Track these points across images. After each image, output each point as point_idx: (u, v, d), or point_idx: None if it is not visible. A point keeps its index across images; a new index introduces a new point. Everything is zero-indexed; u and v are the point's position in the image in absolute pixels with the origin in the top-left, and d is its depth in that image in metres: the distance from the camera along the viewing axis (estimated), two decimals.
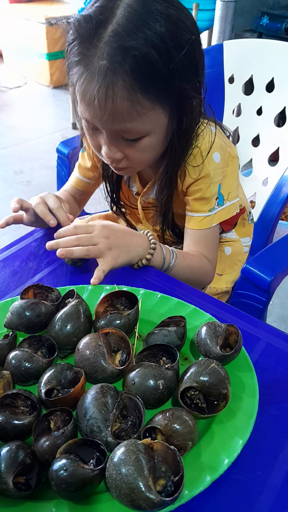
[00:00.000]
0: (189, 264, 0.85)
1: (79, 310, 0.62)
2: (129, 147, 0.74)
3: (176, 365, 0.55)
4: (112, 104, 0.66)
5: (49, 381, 0.53)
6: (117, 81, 0.64)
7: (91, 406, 0.49)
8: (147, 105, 0.68)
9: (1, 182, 2.63)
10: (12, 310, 0.62)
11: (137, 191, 0.97)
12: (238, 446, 0.49)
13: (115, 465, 0.43)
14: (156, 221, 1.00)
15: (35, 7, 3.89)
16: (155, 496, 0.41)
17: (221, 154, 0.84)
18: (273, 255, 0.86)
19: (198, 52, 0.71)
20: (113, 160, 0.76)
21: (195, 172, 0.83)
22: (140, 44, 0.63)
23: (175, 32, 0.66)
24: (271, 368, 0.60)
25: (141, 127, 0.71)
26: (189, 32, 0.68)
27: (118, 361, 0.58)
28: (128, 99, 0.66)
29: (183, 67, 0.68)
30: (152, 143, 0.75)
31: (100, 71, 0.65)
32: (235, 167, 0.89)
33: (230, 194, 0.88)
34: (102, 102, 0.66)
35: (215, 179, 0.84)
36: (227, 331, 0.59)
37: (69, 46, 0.69)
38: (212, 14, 2.18)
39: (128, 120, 0.69)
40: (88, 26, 0.65)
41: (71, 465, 0.44)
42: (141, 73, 0.64)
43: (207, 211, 0.86)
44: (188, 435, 0.48)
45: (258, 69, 1.20)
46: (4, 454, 0.46)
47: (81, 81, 0.67)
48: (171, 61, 0.66)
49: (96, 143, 0.77)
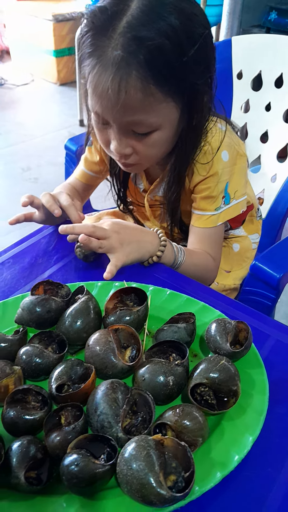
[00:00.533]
0: (195, 262, 0.85)
1: (89, 306, 0.62)
2: (139, 141, 0.74)
3: (186, 362, 0.55)
4: (125, 95, 0.66)
5: (60, 377, 0.54)
6: (130, 72, 0.64)
7: (102, 402, 0.50)
8: (159, 97, 0.68)
9: (8, 179, 2.64)
10: (23, 306, 0.62)
11: (144, 188, 0.97)
12: (248, 442, 0.49)
13: (126, 461, 0.43)
14: (163, 219, 0.99)
15: (42, 4, 3.89)
16: (166, 491, 0.41)
17: (229, 153, 0.84)
18: (282, 252, 0.86)
19: (210, 46, 0.71)
20: (122, 155, 0.76)
21: (204, 171, 0.83)
22: (154, 35, 0.63)
23: (188, 25, 0.66)
24: (281, 365, 0.60)
25: (152, 120, 0.70)
26: (202, 26, 0.68)
27: (128, 357, 0.58)
28: (141, 91, 0.66)
29: (196, 61, 0.68)
30: (162, 138, 0.74)
31: (113, 62, 0.64)
32: (243, 165, 0.89)
33: (237, 192, 0.88)
34: (115, 93, 0.66)
35: (223, 178, 0.84)
36: (237, 328, 0.59)
37: (82, 38, 0.69)
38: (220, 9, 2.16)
39: (139, 112, 0.68)
40: (103, 17, 0.65)
41: (82, 460, 0.44)
42: (155, 65, 0.64)
43: (213, 210, 0.86)
44: (198, 432, 0.48)
45: (266, 64, 1.19)
46: (16, 449, 0.46)
47: (94, 72, 0.67)
48: (184, 54, 0.66)
49: (105, 138, 0.76)
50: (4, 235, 2.18)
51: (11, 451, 0.46)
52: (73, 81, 3.82)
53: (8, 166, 2.77)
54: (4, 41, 4.37)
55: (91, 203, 1.36)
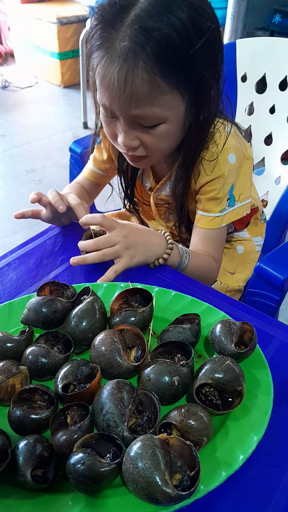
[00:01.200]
0: (198, 264, 0.86)
1: (95, 307, 0.62)
2: (146, 134, 0.74)
3: (191, 362, 0.56)
4: (131, 86, 0.66)
5: (66, 377, 0.54)
6: (137, 63, 0.65)
7: (108, 401, 0.50)
8: (166, 89, 0.68)
9: (13, 180, 2.65)
10: (29, 306, 0.63)
11: (150, 187, 0.98)
12: (253, 442, 0.49)
13: (132, 459, 0.44)
14: (168, 218, 1.00)
15: (47, 7, 3.91)
16: (171, 490, 0.42)
17: (236, 155, 0.84)
18: (286, 253, 0.86)
19: (218, 41, 0.71)
20: (129, 148, 0.76)
21: (210, 172, 0.83)
22: (161, 26, 0.63)
23: (196, 18, 0.66)
24: (285, 366, 0.60)
25: (158, 112, 0.70)
26: (209, 20, 0.68)
27: (133, 357, 0.58)
28: (147, 82, 0.66)
29: (203, 54, 0.68)
30: (168, 131, 0.74)
31: (121, 53, 0.65)
32: (249, 167, 0.89)
33: (242, 195, 0.88)
34: (121, 84, 0.66)
35: (229, 180, 0.85)
36: (241, 329, 0.60)
37: (91, 31, 0.69)
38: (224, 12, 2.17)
39: (146, 104, 0.69)
40: (112, 10, 0.66)
41: (88, 459, 0.44)
42: (162, 56, 0.65)
43: (218, 212, 0.86)
44: (203, 431, 0.49)
45: (271, 67, 1.20)
46: (23, 448, 0.47)
47: (102, 63, 0.68)
48: (192, 46, 0.66)
49: (113, 132, 0.77)
50: (10, 235, 2.19)
51: (17, 450, 0.47)
52: (77, 83, 3.84)
53: (13, 168, 2.78)
54: (9, 44, 4.40)
55: (96, 205, 1.36)
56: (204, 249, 0.89)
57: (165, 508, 0.44)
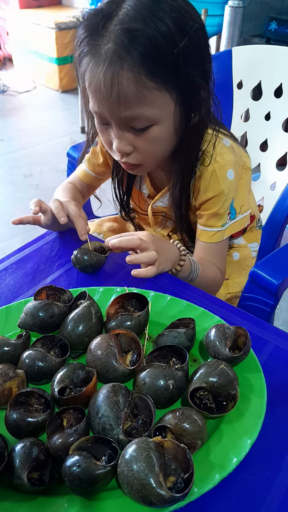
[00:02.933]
0: (206, 275, 0.87)
1: (91, 311, 0.63)
2: (138, 138, 0.74)
3: (186, 366, 0.56)
4: (118, 87, 0.67)
5: (62, 380, 0.55)
6: (122, 64, 0.66)
7: (103, 405, 0.51)
8: (153, 88, 0.68)
9: (10, 185, 2.66)
10: (26, 310, 0.64)
11: (149, 193, 0.98)
12: (246, 445, 0.50)
13: (127, 462, 0.44)
14: (166, 224, 1.01)
15: (45, 12, 3.93)
16: (165, 492, 0.42)
17: (234, 171, 0.85)
18: (281, 258, 0.87)
19: (203, 39, 0.71)
20: (124, 154, 0.76)
21: (209, 191, 0.84)
22: (144, 27, 0.64)
23: (178, 19, 0.67)
24: (279, 370, 0.61)
25: (148, 113, 0.71)
26: (192, 20, 0.69)
27: (129, 361, 0.59)
28: (133, 82, 0.67)
29: (188, 52, 0.68)
30: (160, 133, 0.74)
31: (105, 56, 0.66)
32: (248, 179, 0.90)
33: (243, 207, 0.89)
34: (108, 87, 0.67)
35: (229, 196, 0.85)
36: (236, 333, 0.60)
37: (78, 41, 0.71)
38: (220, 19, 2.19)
39: (135, 104, 0.69)
40: (97, 19, 0.67)
41: (84, 462, 0.45)
42: (146, 56, 0.65)
43: (219, 226, 0.87)
44: (197, 434, 0.49)
45: (266, 74, 1.21)
46: (19, 450, 0.48)
47: (89, 69, 0.69)
48: (176, 45, 0.67)
49: (107, 139, 0.78)
50: (7, 240, 2.19)
51: (14, 453, 0.47)
52: (75, 88, 3.86)
53: (10, 172, 2.79)
54: (7, 49, 4.42)
55: (92, 210, 1.37)
56: (210, 262, 0.90)
57: (159, 510, 0.44)
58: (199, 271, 0.84)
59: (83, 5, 3.96)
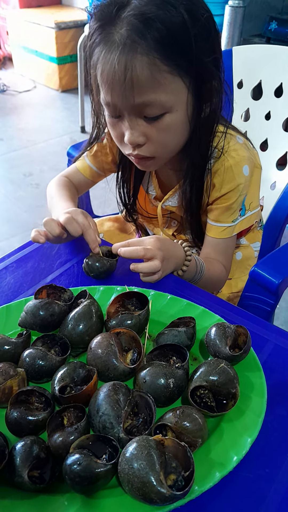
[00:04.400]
0: (211, 275, 0.87)
1: (91, 310, 0.63)
2: (151, 127, 0.73)
3: (186, 364, 0.56)
4: (132, 72, 0.66)
5: (63, 379, 0.55)
6: (136, 48, 0.66)
7: (104, 403, 0.51)
8: (166, 72, 0.68)
9: (10, 184, 2.66)
10: (27, 309, 0.64)
11: (156, 195, 0.98)
12: (246, 444, 0.50)
13: (128, 460, 0.45)
14: (170, 224, 1.01)
15: (45, 12, 3.93)
16: (166, 490, 0.42)
17: (249, 167, 0.85)
18: (281, 258, 0.87)
19: (214, 28, 0.72)
20: (136, 145, 0.76)
21: (225, 186, 0.84)
22: (157, 13, 0.65)
23: (190, 6, 0.67)
24: (279, 369, 0.61)
25: (162, 98, 0.70)
26: (203, 9, 0.70)
27: (129, 360, 0.59)
28: (147, 66, 0.66)
29: (200, 38, 0.68)
30: (174, 122, 0.74)
31: (119, 42, 0.66)
32: (258, 177, 0.90)
33: (252, 204, 0.89)
34: (121, 72, 0.67)
35: (244, 192, 0.85)
36: (236, 332, 0.60)
37: (91, 31, 0.71)
38: (221, 19, 2.19)
39: (148, 90, 0.69)
40: (109, 9, 0.68)
41: (85, 460, 0.45)
42: (160, 39, 0.65)
43: (230, 222, 0.87)
44: (197, 433, 0.49)
45: (267, 74, 1.21)
46: (20, 449, 0.48)
47: (101, 57, 0.69)
48: (188, 31, 0.67)
49: (119, 132, 0.77)
50: (7, 239, 2.19)
51: (15, 451, 0.48)
52: (75, 88, 3.86)
53: (10, 171, 2.79)
54: (7, 48, 4.42)
55: (93, 209, 1.37)
56: (216, 258, 0.90)
57: (159, 508, 0.45)
58: (204, 271, 0.84)
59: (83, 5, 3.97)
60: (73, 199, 0.95)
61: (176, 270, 0.80)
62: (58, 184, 0.99)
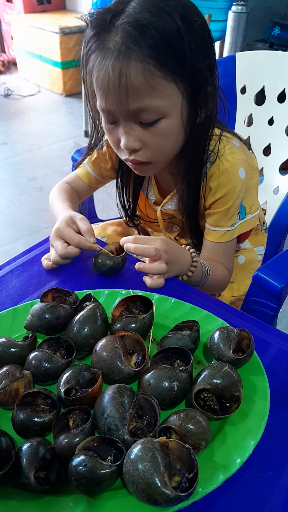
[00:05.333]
0: (215, 278, 0.87)
1: (96, 313, 0.64)
2: (147, 132, 0.74)
3: (190, 368, 0.57)
4: (127, 78, 0.67)
5: (68, 381, 0.56)
6: (130, 55, 0.66)
7: (109, 405, 0.51)
8: (161, 78, 0.69)
9: (14, 188, 2.68)
10: (33, 312, 0.64)
11: (155, 200, 0.99)
12: (250, 446, 0.50)
13: (132, 462, 0.45)
14: (172, 229, 1.02)
15: (49, 17, 3.97)
16: (170, 491, 0.43)
17: (245, 169, 0.85)
18: (284, 262, 0.88)
19: (208, 35, 0.73)
20: (132, 150, 0.76)
21: (221, 189, 0.84)
22: (151, 20, 0.66)
23: (185, 14, 0.68)
24: (282, 372, 0.62)
25: (157, 104, 0.71)
26: (196, 15, 0.71)
27: (134, 363, 0.60)
28: (142, 73, 0.67)
29: (195, 45, 0.69)
30: (169, 127, 0.74)
31: (114, 48, 0.67)
32: (256, 179, 0.91)
33: (252, 207, 0.90)
34: (116, 78, 0.68)
35: (240, 195, 0.86)
36: (239, 336, 0.61)
37: (86, 39, 0.72)
38: (224, 24, 2.21)
39: (143, 96, 0.69)
40: (104, 17, 0.69)
41: (90, 461, 0.46)
42: (154, 46, 0.66)
43: (229, 226, 0.88)
44: (201, 435, 0.50)
45: (270, 80, 1.22)
46: (26, 450, 0.48)
47: (96, 63, 0.70)
48: (183, 38, 0.68)
49: (115, 138, 0.78)
50: (11, 242, 2.21)
51: (21, 452, 0.48)
52: (79, 92, 3.88)
53: (15, 175, 2.81)
54: (12, 53, 4.46)
55: (96, 213, 1.38)
56: (217, 261, 0.90)
57: (164, 509, 0.45)
58: (209, 275, 0.84)
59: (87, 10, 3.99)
60: (72, 201, 0.96)
61: (181, 275, 0.81)
62: (59, 190, 1.00)
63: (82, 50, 0.73)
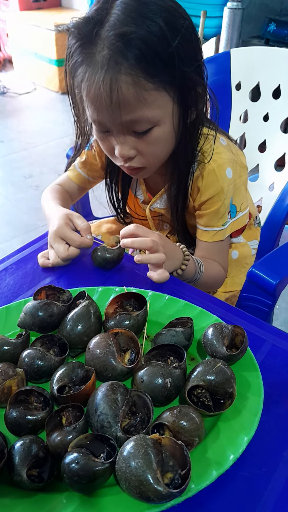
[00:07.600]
0: (209, 275, 0.87)
1: (90, 310, 0.64)
2: (141, 141, 0.74)
3: (184, 364, 0.57)
4: (118, 93, 0.67)
5: (61, 379, 0.55)
6: (119, 69, 0.66)
7: (102, 403, 0.51)
8: (151, 90, 0.69)
9: (10, 186, 2.67)
10: (26, 310, 0.64)
11: (144, 199, 0.99)
12: (243, 442, 0.50)
13: (125, 459, 0.45)
14: (162, 227, 1.02)
15: (45, 14, 3.95)
16: (163, 488, 0.43)
17: (232, 169, 0.85)
18: (279, 258, 0.88)
19: (194, 36, 0.72)
20: (127, 158, 0.77)
21: (208, 190, 0.84)
22: (136, 30, 0.65)
23: (169, 18, 0.67)
24: (276, 369, 0.62)
25: (149, 114, 0.71)
26: (182, 17, 0.70)
27: (127, 360, 0.60)
28: (132, 85, 0.67)
29: (182, 50, 0.69)
30: (162, 134, 0.75)
31: (102, 63, 0.66)
32: (245, 176, 0.91)
33: (243, 205, 0.90)
34: (108, 93, 0.67)
35: (228, 195, 0.86)
36: (233, 332, 0.61)
37: (70, 50, 0.71)
38: (219, 21, 2.20)
39: (135, 108, 0.69)
40: (88, 27, 0.67)
41: (83, 458, 0.46)
42: (142, 58, 0.66)
43: (220, 226, 0.88)
44: (195, 432, 0.50)
45: (265, 76, 1.22)
46: (19, 448, 0.48)
47: (86, 78, 0.69)
48: (169, 45, 0.67)
49: (109, 146, 0.78)
50: (8, 241, 2.20)
51: (14, 450, 0.48)
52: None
53: (11, 173, 2.80)
54: (7, 50, 4.43)
55: (92, 211, 1.38)
56: (211, 259, 0.90)
57: (156, 506, 0.45)
58: (202, 271, 0.85)
59: (82, 7, 3.98)
60: (64, 201, 0.96)
61: (175, 270, 0.81)
62: (51, 191, 1.00)
63: (66, 60, 0.72)
